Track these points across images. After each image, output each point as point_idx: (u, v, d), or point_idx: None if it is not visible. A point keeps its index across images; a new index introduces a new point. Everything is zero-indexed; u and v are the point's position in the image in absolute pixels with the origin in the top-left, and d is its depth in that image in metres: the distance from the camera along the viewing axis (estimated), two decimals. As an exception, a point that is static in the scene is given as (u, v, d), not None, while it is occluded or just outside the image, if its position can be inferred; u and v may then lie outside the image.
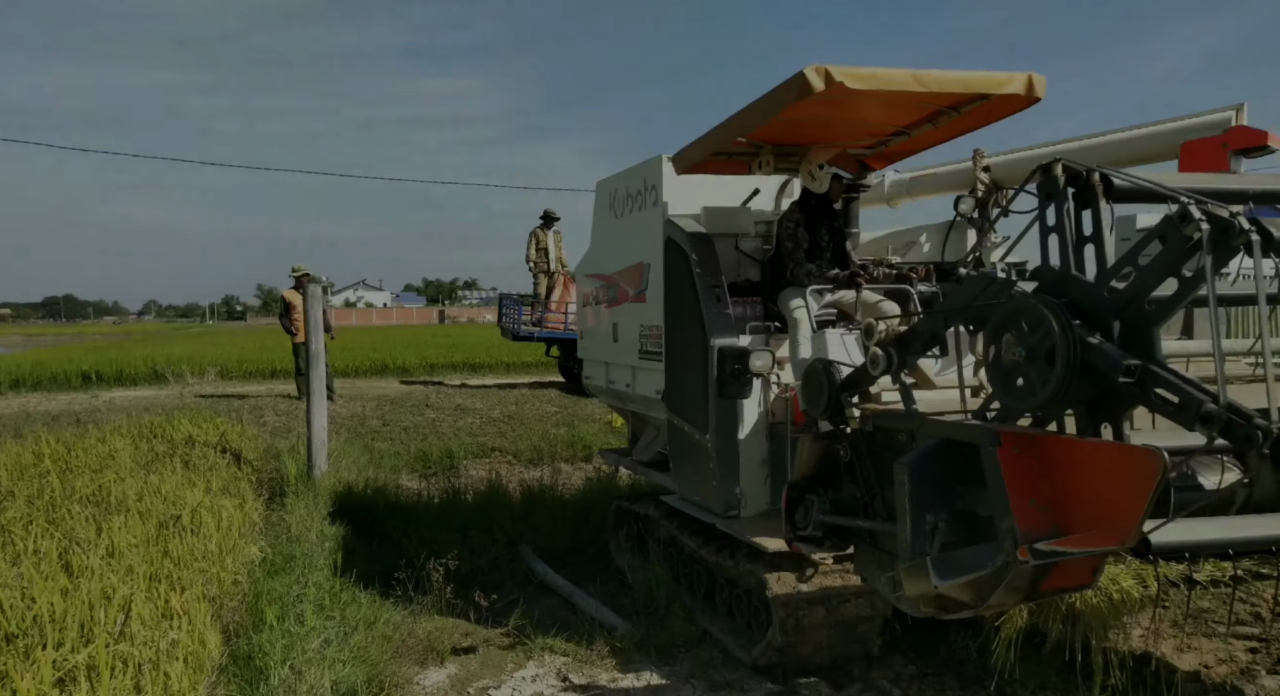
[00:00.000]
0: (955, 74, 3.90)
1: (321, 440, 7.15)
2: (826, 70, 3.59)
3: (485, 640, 4.57)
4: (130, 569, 3.68)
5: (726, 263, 4.78)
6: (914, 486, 2.38)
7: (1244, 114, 4.35)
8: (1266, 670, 3.84)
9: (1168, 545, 2.22)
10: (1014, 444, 2.12)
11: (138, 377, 16.86)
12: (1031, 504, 2.05)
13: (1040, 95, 3.98)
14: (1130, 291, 2.11)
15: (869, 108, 4.21)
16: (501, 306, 15.64)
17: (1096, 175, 2.18)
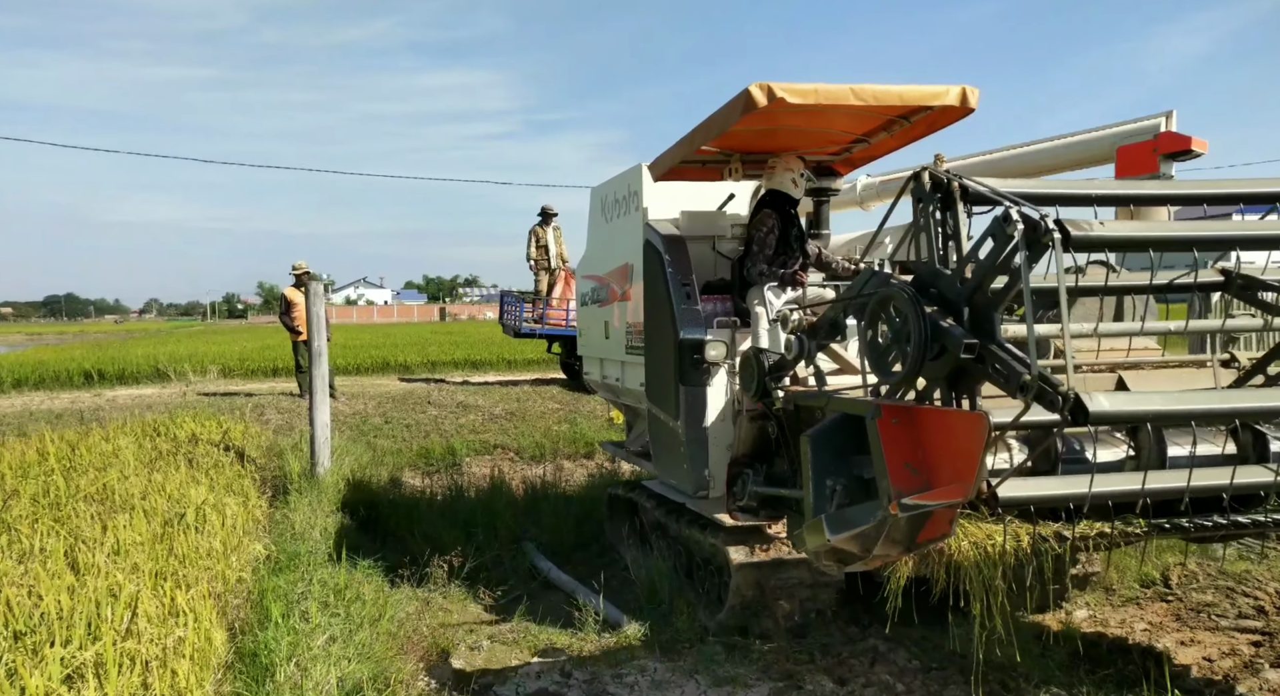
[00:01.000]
0: (892, 88, 4.16)
1: (324, 438, 7.16)
2: (769, 87, 3.89)
3: (489, 636, 4.59)
4: (136, 566, 3.70)
5: (705, 262, 5.10)
6: (815, 456, 2.69)
7: (1173, 120, 4.64)
8: (1270, 663, 3.85)
9: (1014, 500, 2.53)
10: (892, 416, 2.40)
11: (140, 376, 16.88)
12: (906, 467, 2.33)
13: (973, 106, 4.23)
14: (974, 281, 2.39)
15: (823, 119, 4.48)
16: (503, 303, 15.65)
17: (955, 183, 2.45)
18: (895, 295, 2.57)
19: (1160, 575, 5.01)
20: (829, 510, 2.67)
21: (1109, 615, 4.53)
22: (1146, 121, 4.75)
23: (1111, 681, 3.71)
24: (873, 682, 3.83)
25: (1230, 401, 2.59)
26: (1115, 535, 2.76)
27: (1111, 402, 2.18)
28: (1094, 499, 2.61)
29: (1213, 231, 2.58)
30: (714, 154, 5.12)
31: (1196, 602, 4.65)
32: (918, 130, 4.61)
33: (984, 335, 2.35)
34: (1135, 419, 2.46)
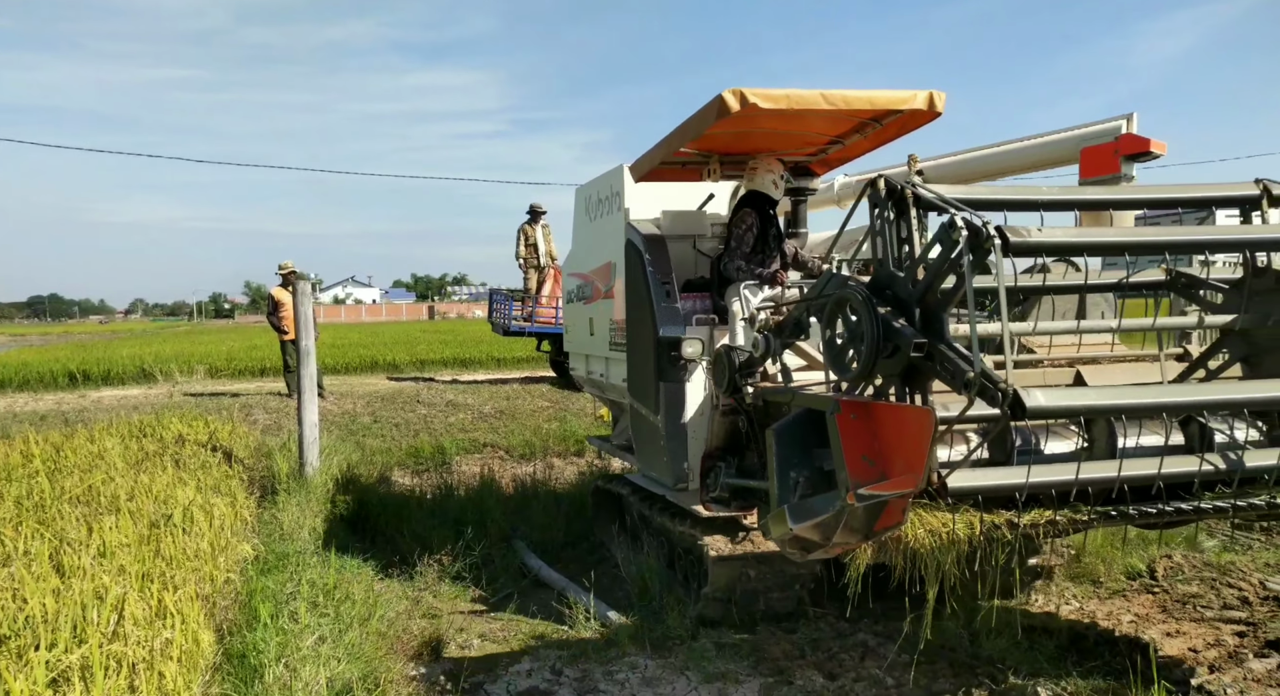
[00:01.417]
0: (860, 93, 4.27)
1: (313, 437, 7.13)
2: (742, 92, 3.99)
3: (480, 634, 4.58)
4: (122, 568, 3.67)
5: (685, 261, 5.23)
6: (779, 449, 2.79)
7: (1134, 123, 4.80)
8: (1254, 653, 3.88)
9: (962, 489, 2.62)
10: (850, 411, 2.49)
11: (125, 377, 16.75)
12: (863, 459, 2.43)
13: (940, 110, 4.34)
14: (924, 283, 2.51)
15: (798, 121, 4.58)
16: (492, 302, 15.60)
17: (908, 190, 2.55)
18: (850, 297, 2.71)
19: (1146, 567, 5.05)
20: (792, 500, 2.76)
21: (1096, 607, 4.57)
22: (1108, 124, 4.89)
23: (1099, 673, 3.73)
24: (863, 677, 3.85)
25: (1156, 396, 2.71)
26: (1064, 523, 2.84)
27: (1047, 398, 2.27)
28: (1034, 488, 2.70)
29: (1144, 236, 2.72)
30: (693, 155, 5.22)
31: (1182, 594, 4.69)
32: (889, 132, 4.74)
33: (933, 334, 2.47)
34: (1069, 413, 2.58)
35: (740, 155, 5.15)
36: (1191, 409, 2.80)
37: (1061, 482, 2.71)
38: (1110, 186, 4.80)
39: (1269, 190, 2.88)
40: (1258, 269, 2.89)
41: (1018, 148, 5.47)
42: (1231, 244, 2.86)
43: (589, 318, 6.04)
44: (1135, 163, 4.76)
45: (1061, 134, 5.18)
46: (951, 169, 5.83)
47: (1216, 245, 2.84)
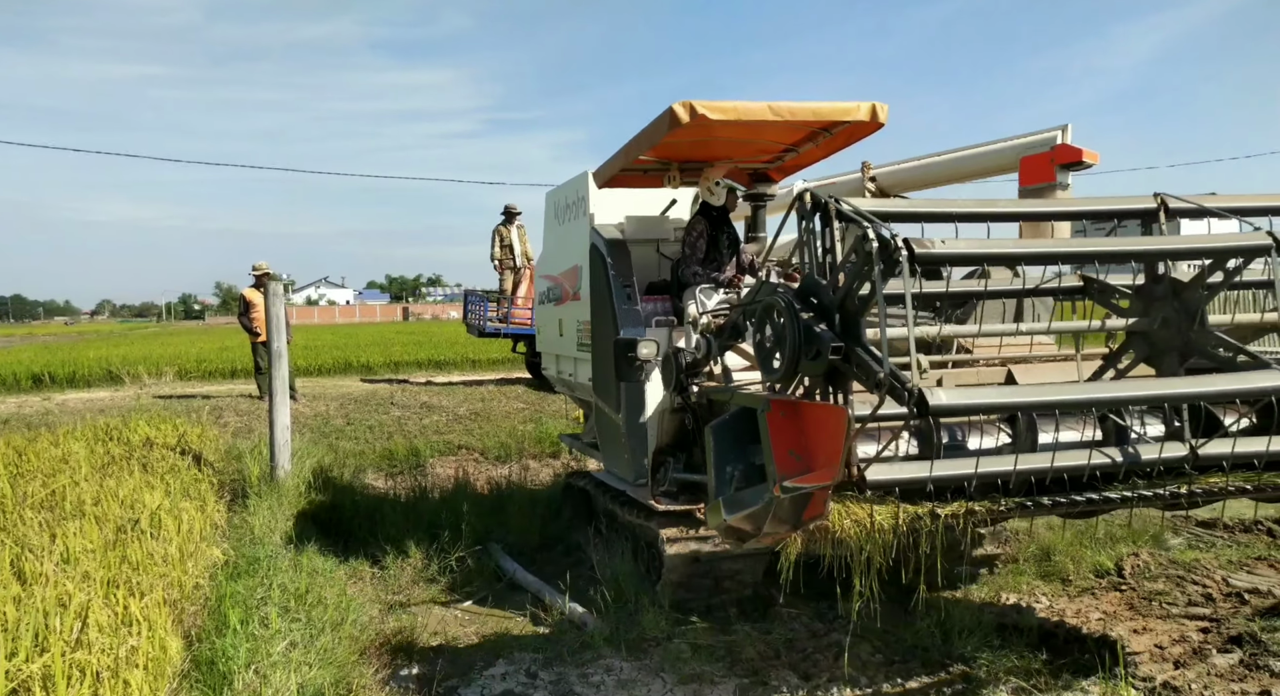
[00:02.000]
0: (806, 104, 4.44)
1: (284, 440, 7.04)
2: (691, 105, 4.15)
3: (454, 638, 4.55)
4: (87, 575, 3.60)
5: (649, 264, 5.41)
6: (716, 444, 2.93)
7: (1068, 133, 5.01)
8: (1217, 649, 3.96)
9: (879, 482, 2.78)
10: (779, 409, 2.64)
11: (92, 379, 16.44)
12: (790, 454, 2.58)
13: (883, 121, 4.54)
14: (843, 291, 2.66)
15: (753, 131, 4.69)
16: (467, 303, 15.52)
17: (831, 203, 2.67)
18: (775, 303, 2.88)
19: (1114, 565, 5.13)
20: (728, 493, 2.90)
21: (1066, 605, 4.63)
22: (1045, 134, 5.09)
23: (1068, 670, 3.79)
24: (838, 677, 3.87)
25: (1046, 395, 2.87)
26: (982, 513, 2.97)
27: (949, 397, 2.42)
28: (942, 481, 2.84)
29: (1038, 248, 2.87)
30: (653, 163, 5.35)
31: (1148, 591, 4.77)
32: (839, 141, 4.91)
33: (851, 338, 2.63)
34: (967, 411, 2.71)
35: (699, 163, 5.31)
36: (1078, 406, 2.98)
37: (964, 475, 2.85)
38: (1019, 200, 5.05)
39: (1165, 204, 3.03)
40: (1156, 276, 3.04)
41: (963, 156, 5.68)
42: (1123, 255, 3.02)
43: (559, 318, 6.19)
44: (1070, 171, 4.97)
45: (1002, 143, 5.38)
46: (903, 175, 6.06)
47: (1108, 256, 3.01)
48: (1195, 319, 2.90)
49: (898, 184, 6.04)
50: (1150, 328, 3.03)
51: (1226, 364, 2.87)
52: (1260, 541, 5.64)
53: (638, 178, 5.52)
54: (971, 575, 4.98)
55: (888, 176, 6.03)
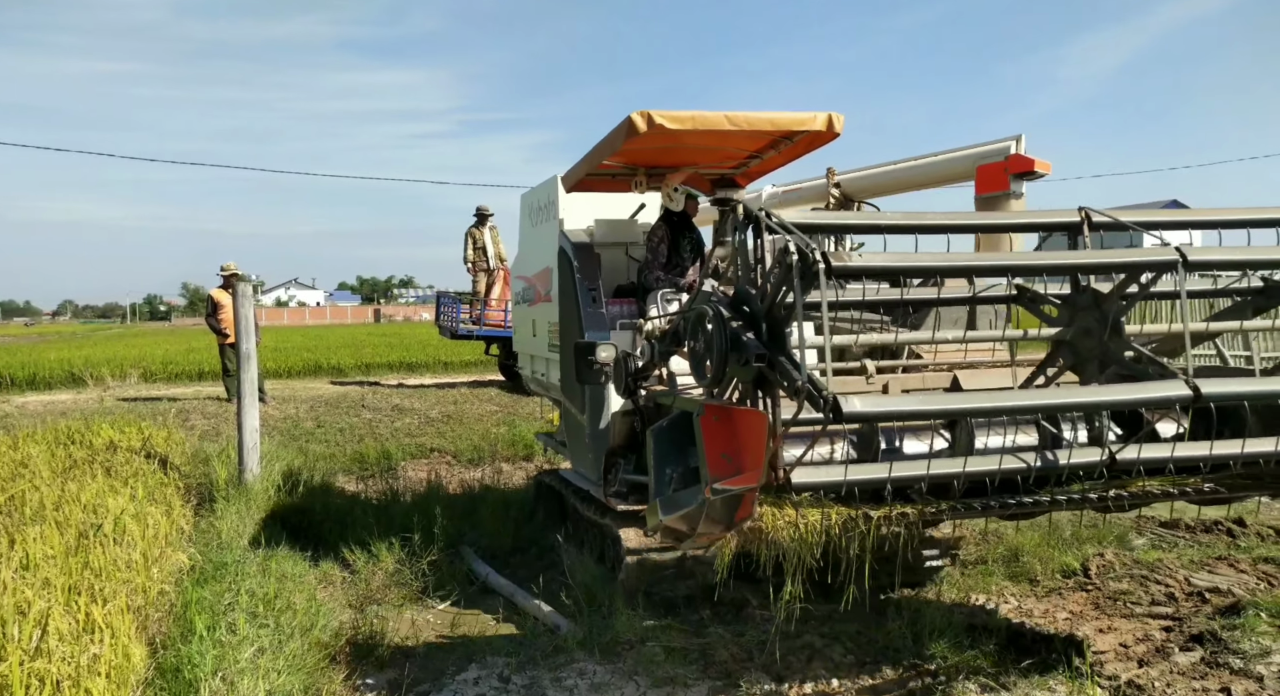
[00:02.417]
0: (763, 114, 4.53)
1: (253, 443, 6.94)
2: (649, 114, 4.24)
3: (426, 642, 4.50)
4: (47, 581, 3.51)
5: (619, 267, 5.52)
6: (656, 447, 3.03)
7: (1022, 144, 5.15)
8: (1179, 647, 4.04)
9: (804, 484, 2.86)
10: (713, 413, 2.73)
11: (53, 381, 16.08)
12: (722, 457, 2.66)
13: (838, 131, 4.65)
14: (769, 301, 2.75)
15: (716, 139, 4.76)
16: (439, 304, 15.43)
17: (761, 216, 2.73)
18: (704, 311, 2.98)
19: (1080, 566, 5.22)
20: (666, 494, 2.98)
21: (1033, 605, 4.70)
22: (1000, 144, 5.24)
23: (1037, 669, 3.84)
24: (810, 679, 3.89)
25: (954, 403, 3.06)
26: (914, 516, 3.05)
27: (863, 404, 2.54)
28: (866, 484, 2.94)
29: (952, 262, 2.98)
30: (621, 168, 5.41)
31: (1113, 591, 4.86)
32: (799, 149, 5.02)
33: (776, 346, 2.71)
34: (880, 418, 2.83)
35: (665, 168, 5.38)
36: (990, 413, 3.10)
37: (880, 480, 2.94)
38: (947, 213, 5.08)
39: (1089, 217, 3.11)
40: (1080, 287, 3.13)
41: (922, 164, 5.81)
42: (1037, 269, 3.11)
43: (532, 319, 6.31)
44: (1024, 180, 5.10)
45: (959, 152, 5.52)
46: (866, 182, 6.20)
47: (1023, 270, 3.11)
48: (1113, 329, 2.97)
49: (861, 190, 6.18)
50: (1074, 337, 3.12)
51: (1139, 373, 2.96)
52: (1220, 541, 5.76)
53: (606, 182, 5.61)
54: (931, 577, 5.02)
55: (851, 182, 6.18)
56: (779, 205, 7.10)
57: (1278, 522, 6.05)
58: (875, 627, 4.35)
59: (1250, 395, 3.00)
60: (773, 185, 7.05)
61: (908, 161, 5.90)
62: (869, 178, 6.17)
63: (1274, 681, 3.65)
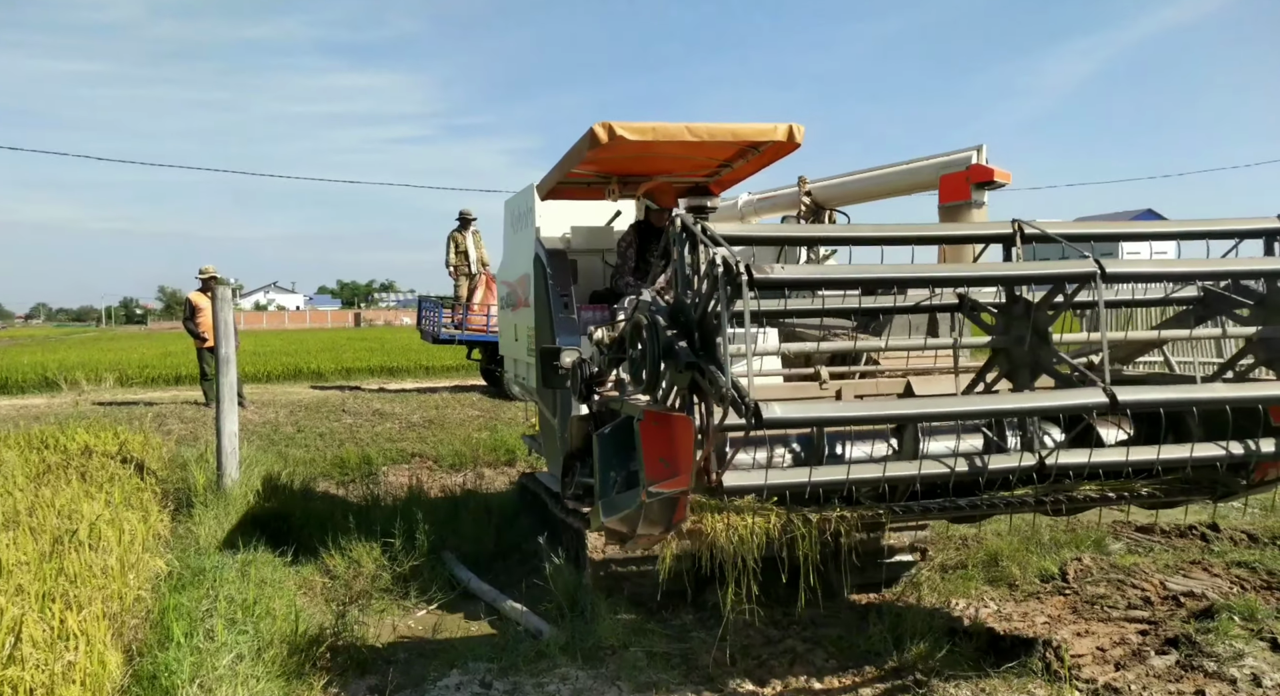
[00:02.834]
0: (724, 126, 4.63)
1: (232, 448, 6.87)
2: (610, 126, 4.36)
3: (407, 648, 4.48)
4: (20, 588, 3.46)
5: (595, 273, 5.61)
6: (600, 451, 3.12)
7: (983, 154, 5.28)
8: (1155, 650, 4.09)
9: (735, 488, 2.94)
10: (652, 419, 2.82)
11: (26, 385, 15.83)
12: (660, 461, 2.75)
13: (799, 141, 4.76)
14: (700, 310, 2.84)
15: (686, 148, 4.84)
16: (421, 309, 15.35)
17: (698, 229, 2.83)
18: (639, 320, 3.11)
19: (1058, 570, 5.27)
20: (609, 496, 3.06)
21: (1012, 609, 4.74)
22: (961, 154, 5.34)
23: (1015, 673, 3.88)
24: (791, 683, 3.90)
25: (880, 409, 3.19)
26: (853, 519, 3.16)
27: (783, 411, 2.62)
28: (798, 488, 3.01)
29: (872, 273, 3.06)
30: (594, 176, 5.53)
31: (1090, 595, 4.91)
32: (765, 159, 5.14)
33: (707, 354, 2.79)
34: (797, 424, 2.88)
35: (637, 176, 5.50)
36: (911, 420, 3.29)
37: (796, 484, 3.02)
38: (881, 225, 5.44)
39: (1022, 229, 3.17)
40: (1014, 298, 3.20)
41: (888, 173, 5.92)
42: (953, 280, 3.24)
43: (514, 324, 6.43)
44: (985, 189, 5.21)
45: (925, 161, 5.63)
46: (835, 190, 6.31)
47: (940, 281, 3.21)
48: (1040, 337, 3.08)
49: (830, 197, 6.29)
50: (1009, 345, 3.21)
51: (1064, 380, 3.03)
52: (1195, 546, 5.85)
53: (581, 190, 5.72)
54: (894, 578, 5.12)
55: (821, 190, 6.30)
56: (754, 212, 7.23)
57: (1250, 527, 6.15)
58: (857, 632, 4.37)
59: (1164, 402, 3.13)
60: (749, 193, 7.18)
61: (875, 170, 6.01)
62: (838, 186, 6.27)
63: (1247, 684, 3.70)
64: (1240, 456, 3.21)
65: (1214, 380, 3.44)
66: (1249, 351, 3.40)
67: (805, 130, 4.76)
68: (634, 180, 5.54)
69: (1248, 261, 3.29)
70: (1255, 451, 3.21)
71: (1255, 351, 3.38)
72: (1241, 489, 3.50)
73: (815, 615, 4.73)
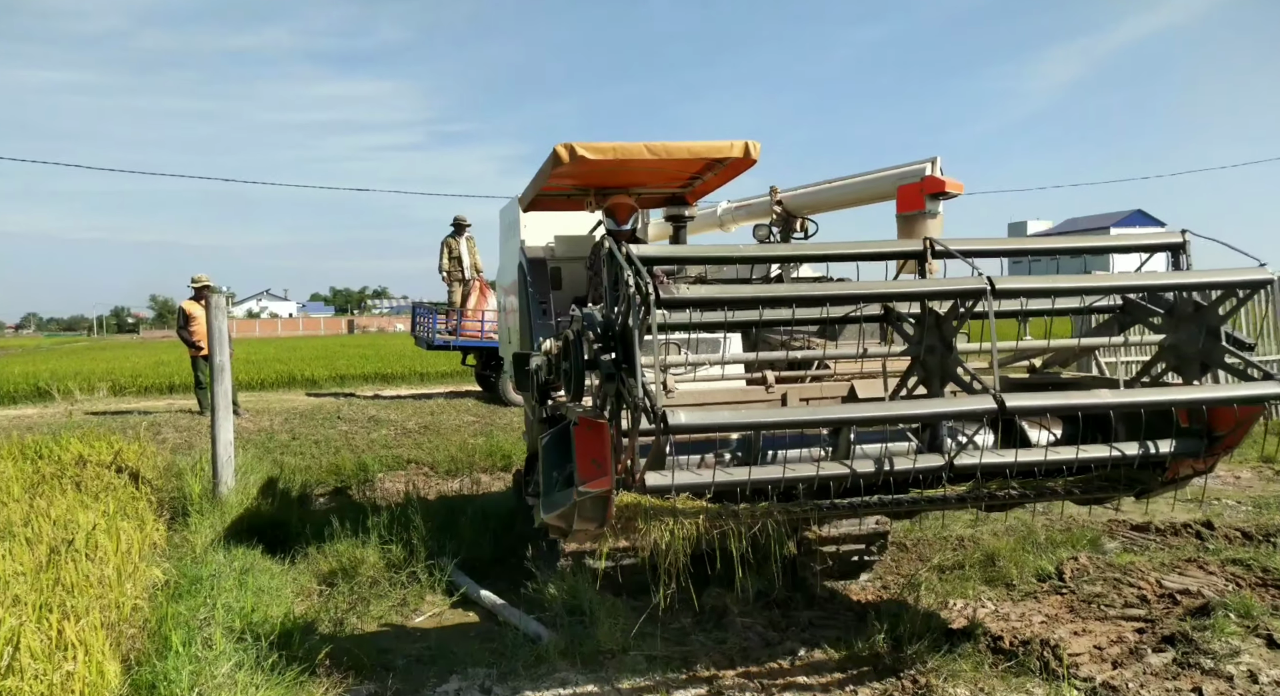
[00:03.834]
0: (682, 144, 4.87)
1: (227, 456, 6.85)
2: (571, 147, 4.65)
3: (405, 654, 4.47)
4: (17, 599, 3.45)
5: (580, 280, 5.78)
6: (544, 453, 3.36)
7: (937, 166, 5.52)
8: (1152, 648, 4.11)
9: (655, 487, 3.14)
10: (584, 424, 3.07)
11: (18, 395, 15.76)
12: (591, 462, 3.00)
13: (755, 158, 5.02)
14: (621, 325, 3.02)
15: (656, 163, 5.06)
16: (415, 315, 15.35)
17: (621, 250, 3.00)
18: (567, 333, 3.34)
19: (1055, 569, 5.29)
20: (551, 494, 3.31)
21: (1010, 609, 4.76)
22: (917, 165, 5.58)
23: (1014, 672, 3.89)
24: (792, 685, 3.91)
25: (784, 415, 3.39)
26: (780, 514, 3.39)
27: (688, 417, 2.81)
28: (719, 486, 3.21)
29: (770, 292, 3.30)
30: (572, 189, 5.73)
31: (1087, 594, 4.93)
32: (729, 173, 5.43)
33: (625, 364, 2.99)
34: (704, 429, 3.05)
35: (614, 188, 5.71)
36: (812, 425, 3.54)
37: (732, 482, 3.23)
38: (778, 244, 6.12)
39: (932, 246, 3.36)
40: (925, 310, 3.45)
41: (849, 183, 6.18)
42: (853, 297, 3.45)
43: (509, 328, 6.68)
44: (939, 200, 5.45)
45: (882, 173, 5.88)
46: (804, 199, 6.56)
47: (838, 299, 3.42)
48: (945, 347, 3.34)
49: (800, 206, 6.56)
50: (923, 354, 3.48)
51: (967, 387, 3.24)
52: (1190, 544, 5.88)
53: (561, 201, 5.92)
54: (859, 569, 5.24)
55: (791, 199, 6.56)
56: (732, 219, 7.60)
57: (1244, 525, 6.19)
58: (856, 633, 4.38)
59: (1050, 407, 3.39)
60: (728, 201, 7.59)
61: (839, 181, 6.32)
62: (806, 195, 6.56)
63: (1244, 680, 3.72)
64: (1132, 457, 3.44)
65: (1133, 384, 3.66)
66: (1161, 357, 3.62)
67: (761, 146, 5.00)
68: (611, 192, 5.80)
69: (1121, 277, 3.59)
70: (1155, 453, 3.46)
71: (1166, 357, 3.60)
72: (1158, 486, 3.70)
73: (814, 617, 4.74)
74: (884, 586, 5.23)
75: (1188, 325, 3.47)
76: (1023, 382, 4.10)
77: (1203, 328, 3.40)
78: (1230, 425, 3.43)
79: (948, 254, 3.32)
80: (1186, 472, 3.64)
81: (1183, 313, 3.49)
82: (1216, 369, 3.40)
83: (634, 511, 3.24)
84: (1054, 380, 4.09)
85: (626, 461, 3.08)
